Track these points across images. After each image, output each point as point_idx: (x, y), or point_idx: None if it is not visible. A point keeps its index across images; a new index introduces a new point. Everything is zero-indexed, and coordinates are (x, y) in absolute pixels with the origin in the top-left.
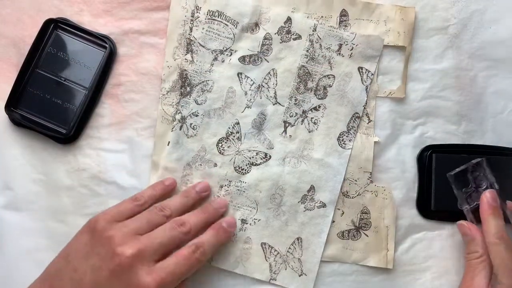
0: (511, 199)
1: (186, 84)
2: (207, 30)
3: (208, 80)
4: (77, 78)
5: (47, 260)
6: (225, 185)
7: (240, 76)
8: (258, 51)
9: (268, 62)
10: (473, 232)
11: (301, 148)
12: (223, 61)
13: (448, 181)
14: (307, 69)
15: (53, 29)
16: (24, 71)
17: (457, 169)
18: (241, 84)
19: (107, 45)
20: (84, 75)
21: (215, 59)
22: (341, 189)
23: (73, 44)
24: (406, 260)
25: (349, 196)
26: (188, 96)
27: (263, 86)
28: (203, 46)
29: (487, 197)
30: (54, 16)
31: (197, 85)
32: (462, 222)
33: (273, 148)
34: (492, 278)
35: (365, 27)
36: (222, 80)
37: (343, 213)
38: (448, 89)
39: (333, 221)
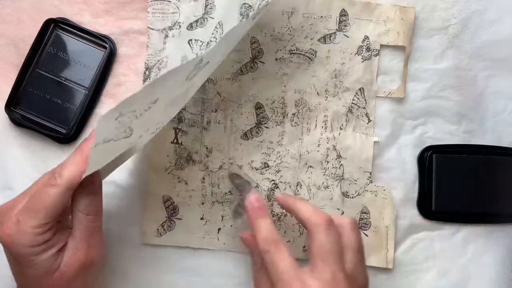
0: (511, 200)
1: (145, 70)
2: (152, 13)
3: (163, 58)
4: (77, 78)
5: None
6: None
7: (190, 42)
8: (203, 13)
9: (213, 18)
10: (252, 242)
11: None
12: (173, 36)
13: (449, 181)
14: (248, 3)
15: (53, 29)
16: (24, 71)
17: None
18: (192, 50)
19: (107, 45)
20: (84, 75)
21: (166, 36)
22: (340, 189)
23: (73, 44)
24: (406, 260)
25: (348, 196)
26: (148, 79)
27: (211, 41)
28: (153, 29)
29: (251, 200)
30: (54, 16)
31: (153, 66)
32: (243, 235)
33: None
34: None
35: (364, 27)
36: (175, 53)
37: (342, 213)
38: (448, 89)
39: None
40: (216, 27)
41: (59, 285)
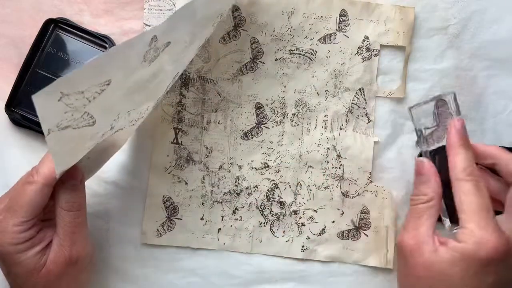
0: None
1: None
2: (149, 9)
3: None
4: None
5: None
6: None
7: None
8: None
9: None
10: (431, 172)
11: None
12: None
13: (449, 182)
14: None
15: (53, 29)
16: (24, 71)
17: (420, 102)
18: None
19: (107, 45)
20: None
21: None
22: (340, 189)
23: (73, 44)
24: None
25: (348, 196)
26: None
27: None
28: (148, 25)
29: (456, 125)
30: (54, 16)
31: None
32: (421, 158)
33: None
34: (445, 222)
35: (364, 27)
36: None
37: (342, 213)
38: (448, 89)
39: (333, 221)
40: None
41: (47, 282)
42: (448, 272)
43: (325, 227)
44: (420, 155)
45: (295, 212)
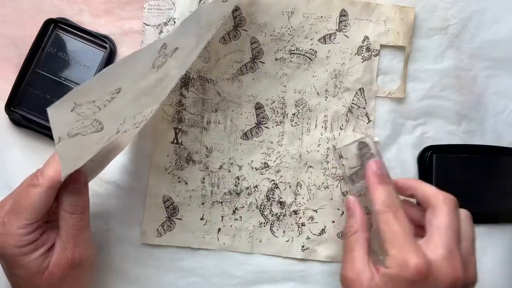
0: (511, 200)
1: None
2: (148, 9)
3: None
4: (77, 78)
5: None
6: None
7: None
8: (196, 8)
9: None
10: (355, 206)
11: None
12: (167, 32)
13: (449, 181)
14: None
15: (53, 29)
16: (24, 71)
17: (346, 144)
18: None
19: (107, 45)
20: (84, 75)
21: (161, 32)
22: (340, 189)
23: (73, 44)
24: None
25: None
26: None
27: None
28: (148, 25)
29: (372, 166)
30: (54, 16)
31: None
32: (348, 196)
33: None
34: (376, 252)
35: (364, 27)
36: None
37: (343, 213)
38: (448, 89)
39: (332, 221)
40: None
41: (49, 285)
42: None
43: (325, 227)
44: (420, 156)
45: (295, 212)
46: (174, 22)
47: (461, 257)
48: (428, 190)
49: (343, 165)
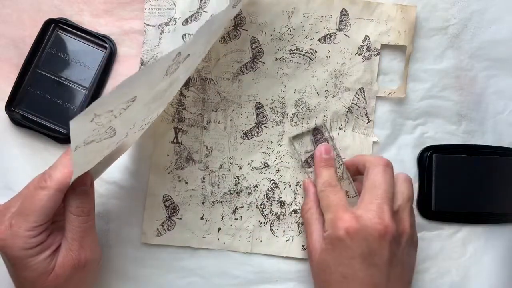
0: (510, 199)
1: (141, 65)
2: (149, 9)
3: (157, 53)
4: (78, 78)
5: None
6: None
7: (184, 37)
8: (197, 8)
9: (206, 12)
10: (310, 186)
11: None
12: (169, 32)
13: (449, 181)
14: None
15: (53, 29)
16: (24, 71)
17: (301, 133)
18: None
19: (107, 45)
20: (84, 75)
21: (162, 32)
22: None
23: (73, 44)
24: None
25: (348, 195)
26: None
27: None
28: (149, 25)
29: (320, 150)
30: (54, 16)
31: (148, 62)
32: (305, 179)
33: None
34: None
35: (365, 27)
36: (169, 48)
37: None
38: (448, 89)
39: None
40: (208, 20)
41: (55, 286)
42: (326, 257)
43: None
44: (420, 156)
45: (295, 211)
46: (175, 22)
47: (393, 212)
48: (366, 157)
49: (297, 152)
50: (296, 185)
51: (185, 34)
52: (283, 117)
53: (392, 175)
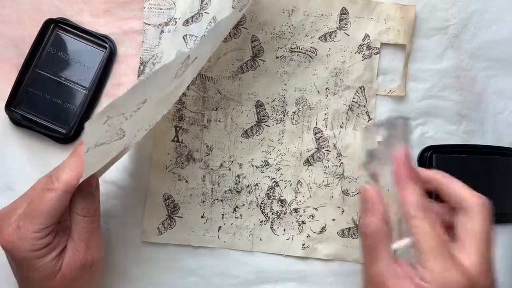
0: (511, 200)
1: (140, 65)
2: (149, 8)
3: (158, 53)
4: (77, 78)
5: None
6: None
7: (185, 38)
8: (198, 9)
9: (208, 14)
10: (375, 198)
11: None
12: (169, 31)
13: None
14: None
15: (53, 29)
16: (24, 71)
17: (377, 122)
18: (186, 45)
19: (107, 45)
20: (84, 75)
21: (162, 32)
22: (341, 187)
23: (73, 44)
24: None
25: (349, 194)
26: (142, 74)
27: (205, 35)
28: (149, 24)
29: (401, 156)
30: (54, 16)
31: (148, 61)
32: (367, 186)
33: None
34: (409, 258)
35: (365, 25)
36: (170, 48)
37: (343, 211)
38: (448, 89)
39: (333, 219)
40: (210, 21)
41: (61, 287)
42: None
43: (325, 225)
44: (420, 156)
45: (296, 210)
46: (175, 22)
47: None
48: (462, 191)
49: (364, 148)
50: (297, 184)
51: (186, 35)
52: (284, 116)
53: (491, 219)
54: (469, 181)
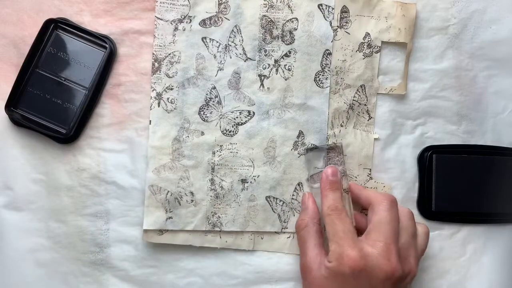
0: (510, 199)
1: (153, 60)
2: (160, 3)
3: (174, 51)
4: (77, 78)
5: (47, 260)
6: (217, 151)
7: (204, 40)
8: (216, 11)
9: (228, 20)
10: (309, 201)
11: (282, 97)
12: (184, 30)
13: (449, 181)
14: (269, 18)
15: (53, 29)
16: (24, 71)
17: (313, 145)
18: (208, 48)
19: (107, 45)
20: (84, 75)
21: (176, 29)
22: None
23: (73, 44)
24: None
25: (349, 192)
26: (158, 72)
27: (230, 45)
28: (161, 19)
29: (327, 172)
30: (54, 16)
31: (164, 59)
32: (306, 192)
33: (254, 104)
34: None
35: (366, 24)
36: (188, 48)
37: None
38: (448, 89)
39: None
40: (233, 30)
41: None
42: (325, 285)
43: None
44: (420, 156)
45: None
46: (190, 20)
47: (399, 251)
48: (370, 193)
49: (307, 165)
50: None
51: (206, 38)
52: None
53: (397, 212)
54: (469, 181)
